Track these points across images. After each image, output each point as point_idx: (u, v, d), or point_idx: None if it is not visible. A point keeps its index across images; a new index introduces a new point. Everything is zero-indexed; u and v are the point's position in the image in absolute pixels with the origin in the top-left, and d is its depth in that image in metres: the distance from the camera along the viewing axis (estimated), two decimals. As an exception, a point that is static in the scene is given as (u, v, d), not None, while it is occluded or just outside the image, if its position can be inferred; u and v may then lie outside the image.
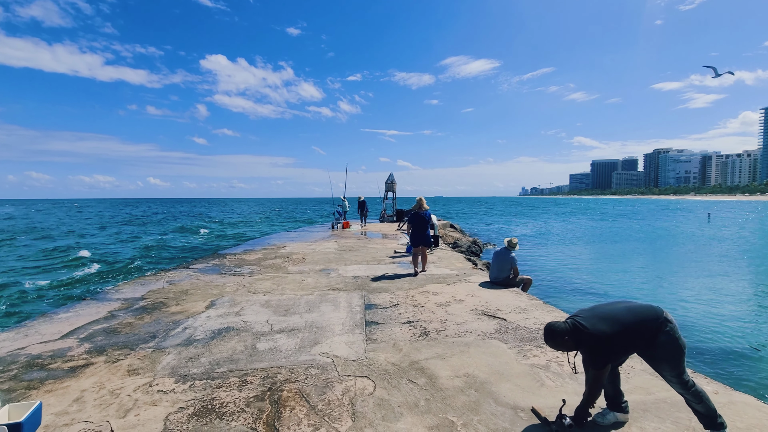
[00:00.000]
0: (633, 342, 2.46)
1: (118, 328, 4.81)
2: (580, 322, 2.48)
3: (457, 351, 4.03)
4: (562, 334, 2.48)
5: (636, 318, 2.45)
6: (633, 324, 2.44)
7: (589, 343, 2.44)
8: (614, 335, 2.40)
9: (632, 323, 2.44)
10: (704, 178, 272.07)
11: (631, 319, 2.45)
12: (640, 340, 2.44)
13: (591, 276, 13.38)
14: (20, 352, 4.08)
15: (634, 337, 2.44)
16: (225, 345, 4.22)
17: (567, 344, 2.48)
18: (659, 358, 2.45)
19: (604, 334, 2.40)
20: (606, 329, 2.41)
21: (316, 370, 3.61)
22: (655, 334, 2.41)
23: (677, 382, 2.45)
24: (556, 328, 2.50)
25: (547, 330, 2.55)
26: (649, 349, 2.45)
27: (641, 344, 2.46)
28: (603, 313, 2.52)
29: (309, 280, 7.47)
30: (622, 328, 2.42)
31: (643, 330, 2.43)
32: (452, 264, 9.32)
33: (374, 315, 5.25)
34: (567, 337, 2.47)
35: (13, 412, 2.59)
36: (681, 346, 2.42)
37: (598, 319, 2.47)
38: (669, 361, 2.42)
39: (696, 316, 8.56)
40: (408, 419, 2.81)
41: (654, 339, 2.41)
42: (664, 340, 2.40)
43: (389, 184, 21.97)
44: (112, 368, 3.69)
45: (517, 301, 5.92)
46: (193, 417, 2.85)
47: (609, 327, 2.42)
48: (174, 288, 6.91)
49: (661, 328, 2.41)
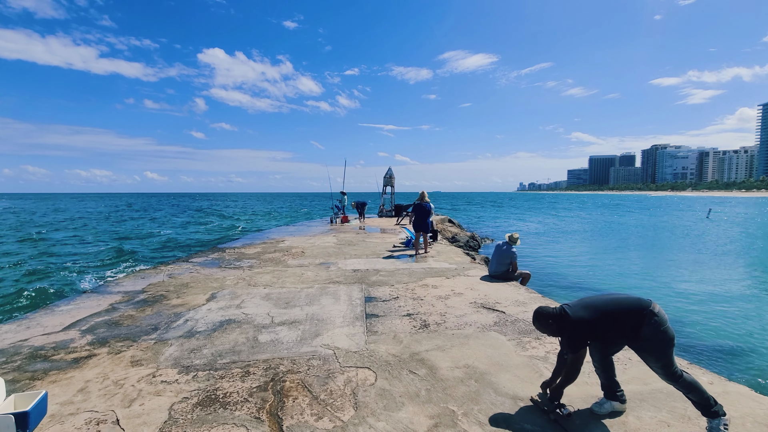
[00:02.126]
0: (612, 330, 2.57)
1: (119, 320, 4.83)
2: (566, 310, 2.64)
3: (457, 343, 4.09)
4: (547, 317, 2.68)
5: (617, 308, 2.56)
6: (613, 313, 2.55)
7: (567, 328, 2.59)
8: (591, 322, 2.54)
9: (612, 312, 2.56)
10: (701, 174, 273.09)
11: (612, 309, 2.57)
12: (621, 329, 2.53)
13: (589, 270, 13.49)
14: (23, 344, 4.10)
15: (613, 326, 2.55)
16: (227, 337, 4.26)
17: (551, 327, 2.67)
18: (644, 350, 2.51)
19: (582, 319, 2.55)
20: (584, 316, 2.56)
21: (318, 361, 3.65)
22: (639, 325, 2.47)
23: (664, 373, 2.51)
24: (543, 311, 2.70)
25: (536, 313, 2.75)
26: (636, 341, 2.52)
27: (624, 334, 2.55)
28: (588, 302, 2.67)
29: (309, 273, 7.50)
30: (601, 315, 2.55)
31: (623, 320, 2.52)
32: (451, 258, 9.37)
33: (374, 307, 5.30)
34: (551, 321, 2.65)
35: (20, 402, 2.62)
36: (667, 339, 2.45)
37: (581, 308, 2.62)
38: (653, 353, 2.48)
39: (692, 308, 8.67)
40: (409, 408, 2.86)
41: (638, 331, 2.48)
42: (649, 332, 2.45)
43: (388, 178, 21.95)
44: (115, 359, 3.72)
45: (516, 295, 5.98)
46: (197, 406, 2.89)
47: (588, 314, 2.56)
48: (174, 281, 6.93)
49: (645, 321, 2.46)
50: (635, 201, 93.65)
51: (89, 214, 46.73)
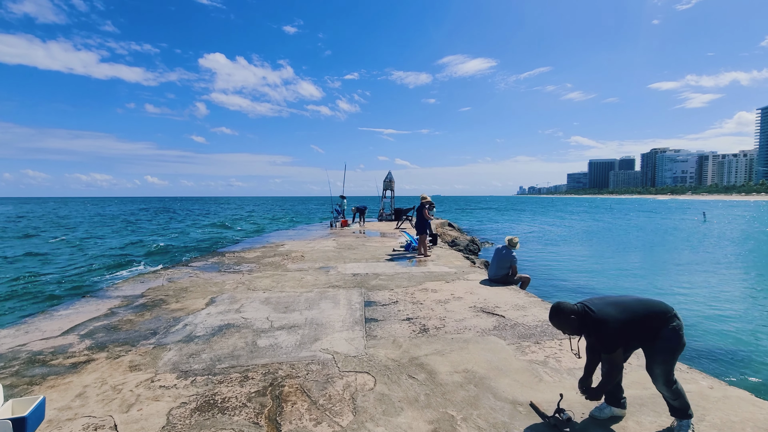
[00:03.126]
0: (638, 332, 2.49)
1: (118, 325, 4.82)
2: (589, 306, 2.52)
3: (457, 347, 4.07)
4: (569, 312, 2.49)
5: (645, 309, 2.50)
6: (641, 314, 2.48)
7: (595, 327, 2.45)
8: (621, 321, 2.43)
9: (641, 313, 2.48)
10: (701, 177, 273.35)
11: (640, 310, 2.49)
12: (647, 331, 2.48)
13: (589, 275, 13.46)
14: (21, 349, 4.09)
15: (640, 329, 2.47)
16: (226, 341, 4.25)
17: (572, 324, 2.50)
18: (659, 350, 2.47)
19: (611, 317, 2.43)
20: (614, 313, 2.45)
21: (317, 365, 3.64)
22: (661, 326, 2.47)
23: (664, 378, 2.49)
24: (564, 306, 2.53)
25: (555, 308, 2.55)
26: (653, 341, 2.48)
27: (647, 336, 2.49)
28: (613, 300, 2.57)
29: (308, 277, 7.49)
30: (631, 316, 2.46)
31: (650, 322, 2.47)
32: (450, 262, 9.36)
33: (374, 312, 5.29)
34: (574, 316, 2.48)
35: (17, 407, 2.60)
36: (681, 344, 2.47)
37: (606, 305, 2.51)
38: (666, 353, 2.46)
39: (692, 313, 8.64)
40: (408, 413, 2.85)
41: (659, 331, 2.46)
42: (669, 333, 2.45)
43: (387, 182, 21.97)
44: (114, 364, 3.71)
45: (516, 299, 5.97)
46: (196, 411, 2.88)
47: (617, 312, 2.45)
48: (173, 285, 6.92)
49: (668, 322, 2.47)
50: (635, 204, 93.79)
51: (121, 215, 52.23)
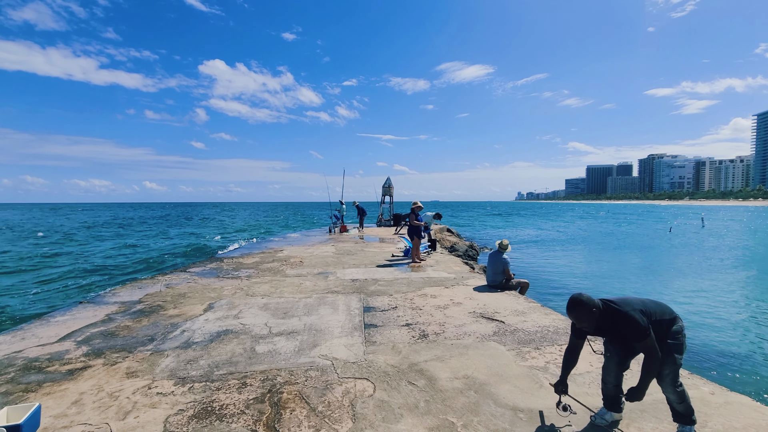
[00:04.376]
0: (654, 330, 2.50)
1: (115, 331, 4.78)
2: (611, 301, 2.51)
3: (456, 353, 4.05)
4: (591, 305, 2.43)
5: (657, 308, 2.55)
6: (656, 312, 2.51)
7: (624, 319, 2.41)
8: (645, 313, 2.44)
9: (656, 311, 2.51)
10: (698, 183, 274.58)
11: (654, 308, 2.53)
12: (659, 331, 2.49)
13: (588, 280, 13.46)
14: (17, 355, 4.05)
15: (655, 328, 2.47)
16: (224, 347, 4.21)
17: (593, 316, 2.44)
18: (667, 349, 2.47)
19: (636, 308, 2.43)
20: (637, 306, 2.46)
21: (316, 372, 3.61)
22: (671, 325, 2.51)
23: (671, 379, 2.50)
24: (585, 298, 2.46)
25: (576, 299, 2.46)
26: (662, 340, 2.48)
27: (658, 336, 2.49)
28: (626, 299, 2.58)
29: (307, 283, 7.46)
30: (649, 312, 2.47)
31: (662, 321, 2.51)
32: (450, 267, 9.34)
33: (373, 318, 5.26)
34: (595, 309, 2.44)
35: (12, 415, 2.58)
36: (684, 345, 2.55)
37: (623, 302, 2.51)
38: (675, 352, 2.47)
39: (692, 318, 8.63)
40: (408, 420, 2.82)
41: (669, 330, 2.50)
42: (677, 332, 2.50)
43: (386, 188, 22.01)
44: (111, 371, 3.67)
45: (515, 304, 5.95)
46: (193, 419, 2.85)
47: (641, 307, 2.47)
48: (171, 291, 6.88)
49: (676, 322, 2.53)
50: (633, 210, 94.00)
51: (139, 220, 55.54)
